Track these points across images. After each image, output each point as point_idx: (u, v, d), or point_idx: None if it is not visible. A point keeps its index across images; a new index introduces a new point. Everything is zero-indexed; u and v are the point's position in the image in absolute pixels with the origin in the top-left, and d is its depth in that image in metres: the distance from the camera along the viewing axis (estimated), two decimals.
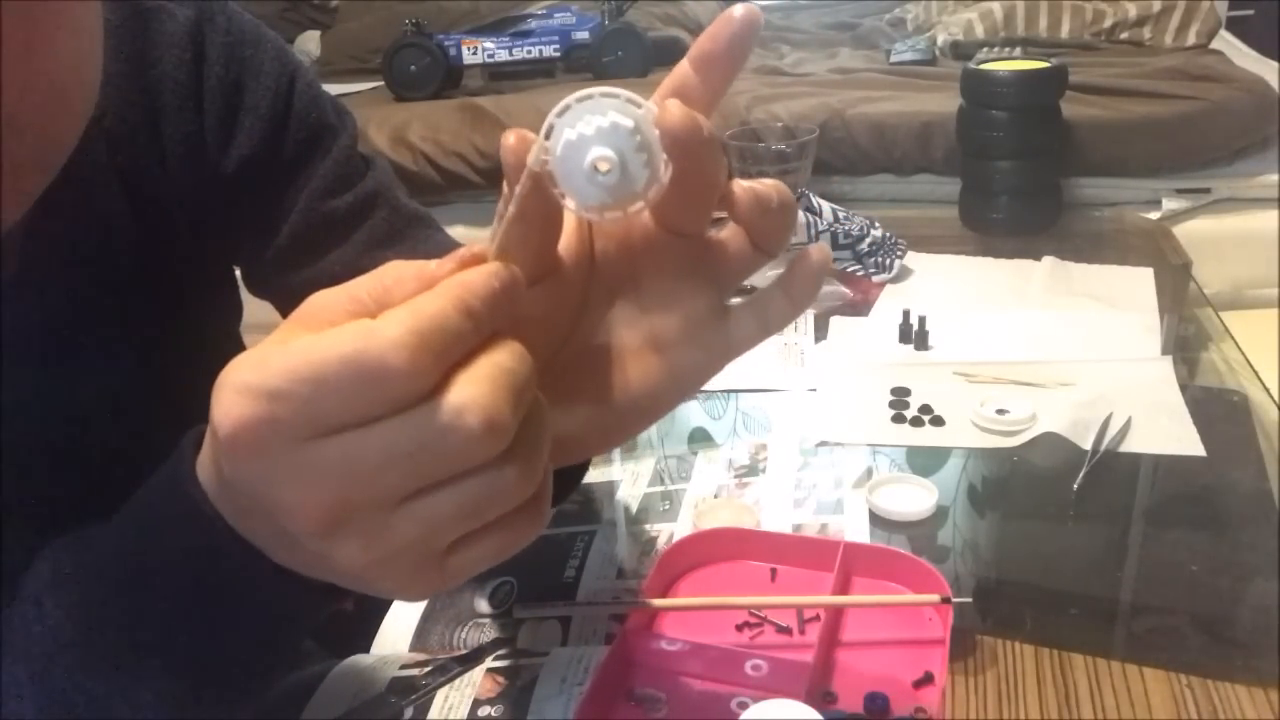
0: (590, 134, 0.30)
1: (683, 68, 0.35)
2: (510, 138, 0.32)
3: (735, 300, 0.39)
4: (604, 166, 0.30)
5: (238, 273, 0.66)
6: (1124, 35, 1.99)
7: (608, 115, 0.30)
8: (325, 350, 0.28)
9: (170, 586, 0.36)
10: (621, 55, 2.18)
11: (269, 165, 0.61)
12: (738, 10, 0.34)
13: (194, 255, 0.59)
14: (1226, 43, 2.02)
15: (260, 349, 0.29)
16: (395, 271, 0.30)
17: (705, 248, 0.37)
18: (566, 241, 0.37)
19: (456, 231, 0.73)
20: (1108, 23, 1.99)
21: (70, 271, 0.52)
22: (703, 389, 0.89)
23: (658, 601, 0.59)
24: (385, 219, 0.65)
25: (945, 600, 0.56)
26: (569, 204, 0.31)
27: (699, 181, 0.33)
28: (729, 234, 0.38)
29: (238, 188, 0.59)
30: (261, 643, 0.38)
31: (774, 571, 0.63)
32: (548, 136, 0.30)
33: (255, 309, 0.69)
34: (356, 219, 0.64)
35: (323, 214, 0.62)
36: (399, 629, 0.63)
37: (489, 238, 0.31)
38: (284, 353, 0.28)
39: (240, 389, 0.28)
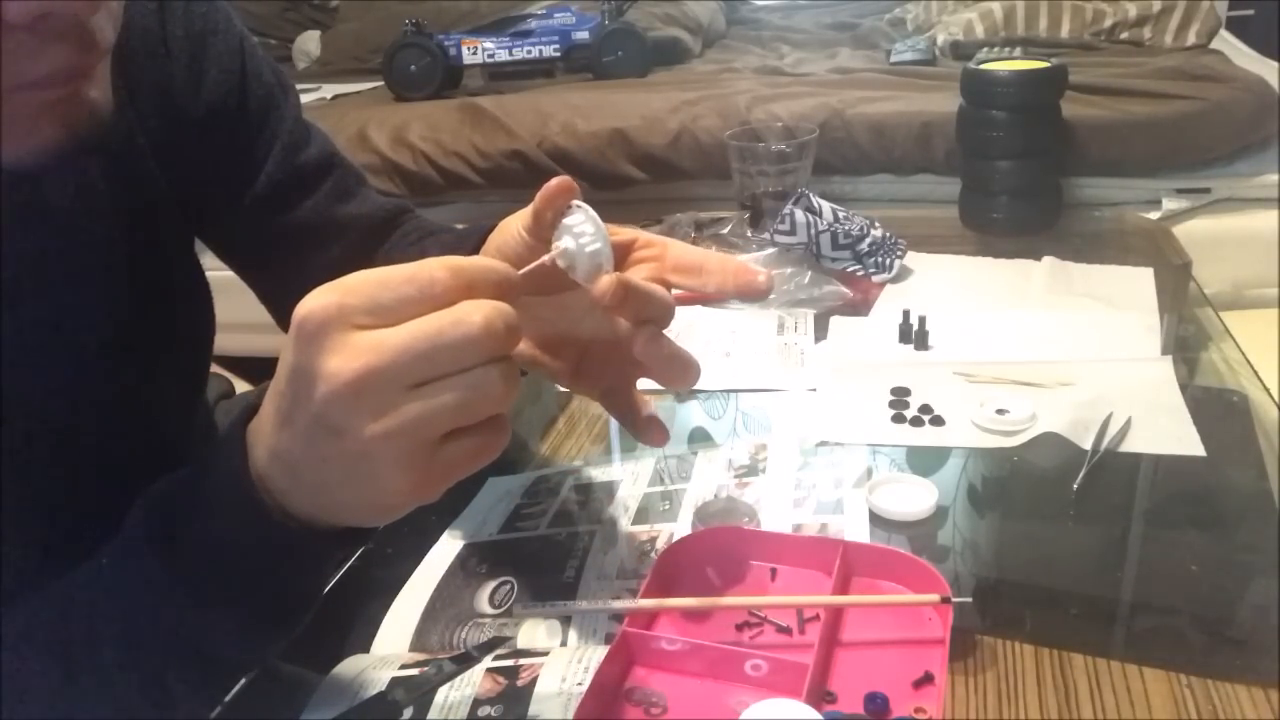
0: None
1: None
2: (553, 181, 0.47)
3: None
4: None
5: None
6: (1124, 35, 1.98)
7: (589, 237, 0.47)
8: (390, 269, 0.39)
9: (238, 549, 0.44)
10: (621, 55, 2.18)
11: (236, 117, 0.67)
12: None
13: (166, 201, 0.63)
14: (1226, 43, 2.02)
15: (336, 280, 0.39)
16: (434, 264, 0.41)
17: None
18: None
19: None
20: (1108, 23, 1.99)
21: (48, 213, 0.54)
22: (702, 389, 0.90)
23: (658, 601, 0.59)
24: (343, 176, 0.75)
25: (945, 600, 0.56)
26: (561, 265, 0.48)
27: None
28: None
29: (207, 134, 0.65)
30: (301, 578, 0.47)
31: (774, 571, 0.63)
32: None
33: (229, 309, 0.73)
34: (323, 172, 0.73)
35: (295, 165, 0.70)
36: (399, 629, 0.63)
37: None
38: (355, 274, 0.39)
39: (323, 290, 0.38)
